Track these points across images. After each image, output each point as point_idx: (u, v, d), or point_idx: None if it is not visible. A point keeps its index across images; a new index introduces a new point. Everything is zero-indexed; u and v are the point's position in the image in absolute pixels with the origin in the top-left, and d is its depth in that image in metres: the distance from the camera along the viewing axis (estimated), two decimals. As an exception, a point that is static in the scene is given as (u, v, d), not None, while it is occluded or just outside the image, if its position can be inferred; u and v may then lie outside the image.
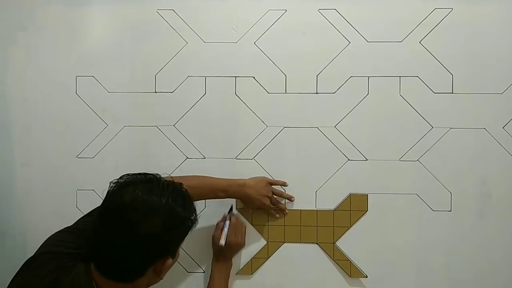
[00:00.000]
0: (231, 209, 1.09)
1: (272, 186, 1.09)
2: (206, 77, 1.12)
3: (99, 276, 0.73)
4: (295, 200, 1.10)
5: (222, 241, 1.02)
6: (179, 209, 0.74)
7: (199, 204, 1.10)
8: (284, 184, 1.10)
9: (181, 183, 0.80)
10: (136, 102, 1.13)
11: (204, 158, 1.12)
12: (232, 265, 1.09)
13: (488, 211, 1.07)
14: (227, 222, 1.05)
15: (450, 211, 1.08)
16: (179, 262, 1.10)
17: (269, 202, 1.07)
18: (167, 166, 1.11)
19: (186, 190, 0.79)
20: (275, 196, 1.09)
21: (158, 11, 1.12)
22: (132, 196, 0.71)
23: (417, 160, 1.09)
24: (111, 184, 0.74)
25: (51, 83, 1.14)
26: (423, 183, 1.08)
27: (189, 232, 0.79)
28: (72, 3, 1.13)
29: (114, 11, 1.13)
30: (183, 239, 0.79)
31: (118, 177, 0.76)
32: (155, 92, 1.13)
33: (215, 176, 1.05)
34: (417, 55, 1.08)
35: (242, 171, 1.10)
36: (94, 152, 1.14)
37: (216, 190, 1.01)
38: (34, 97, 1.15)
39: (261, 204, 1.06)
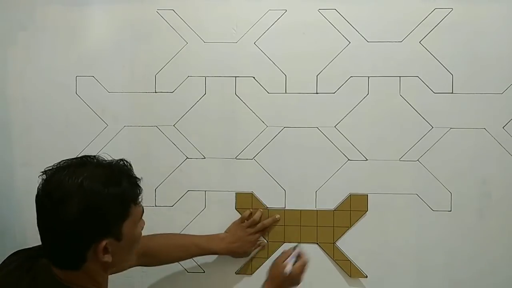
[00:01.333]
0: (297, 245, 0.99)
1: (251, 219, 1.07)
2: (206, 77, 1.12)
3: (53, 267, 0.71)
4: (295, 200, 1.10)
5: (288, 269, 0.91)
6: (98, 187, 0.68)
7: (199, 204, 1.11)
8: (252, 217, 1.08)
9: (122, 159, 0.76)
10: (136, 102, 1.13)
11: (204, 158, 1.12)
12: None
13: (488, 211, 1.07)
14: (295, 252, 0.95)
15: (450, 211, 1.08)
16: (179, 262, 1.10)
17: (250, 245, 1.07)
18: (167, 166, 1.12)
19: (124, 163, 0.75)
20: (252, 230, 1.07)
21: (158, 11, 1.12)
22: (49, 182, 0.70)
23: (417, 160, 1.08)
24: (41, 172, 0.73)
25: (51, 83, 1.14)
26: (423, 183, 1.08)
27: (130, 206, 0.72)
28: (72, 3, 1.13)
29: (114, 11, 1.13)
30: (120, 216, 0.71)
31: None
32: (155, 92, 1.12)
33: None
34: (417, 55, 1.08)
35: (242, 171, 1.10)
36: (94, 152, 1.11)
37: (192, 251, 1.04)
38: (34, 97, 1.14)
39: (245, 251, 1.07)
